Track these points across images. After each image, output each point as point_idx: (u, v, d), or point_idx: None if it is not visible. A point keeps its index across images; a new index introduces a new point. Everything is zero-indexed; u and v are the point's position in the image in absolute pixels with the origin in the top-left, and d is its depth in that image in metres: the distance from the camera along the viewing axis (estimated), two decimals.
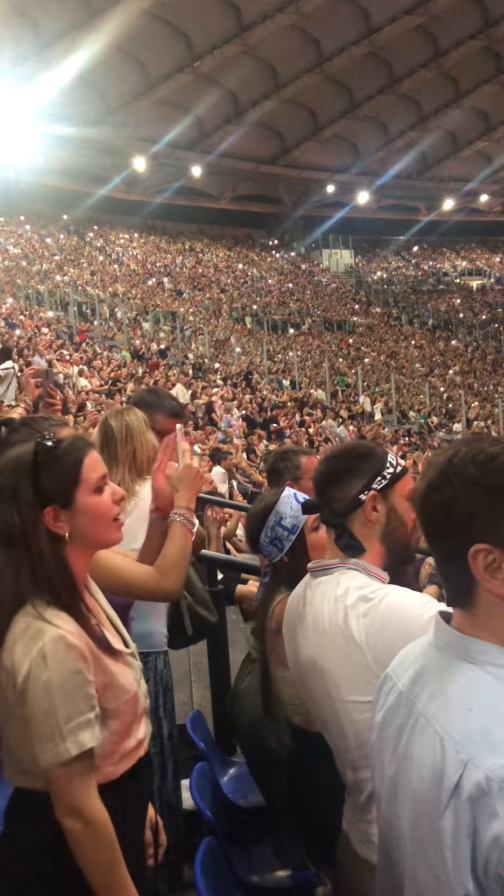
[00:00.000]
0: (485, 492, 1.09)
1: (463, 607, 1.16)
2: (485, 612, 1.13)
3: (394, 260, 52.80)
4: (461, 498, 1.10)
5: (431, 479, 1.14)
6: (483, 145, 45.03)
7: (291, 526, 2.24)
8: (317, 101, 39.66)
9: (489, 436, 1.21)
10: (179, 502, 2.27)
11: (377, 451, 1.87)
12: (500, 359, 36.95)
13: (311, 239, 49.25)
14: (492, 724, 1.04)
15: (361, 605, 1.69)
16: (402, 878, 1.16)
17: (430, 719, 1.13)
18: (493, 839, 0.97)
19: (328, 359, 28.98)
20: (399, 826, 1.17)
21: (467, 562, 1.10)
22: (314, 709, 1.90)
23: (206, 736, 2.91)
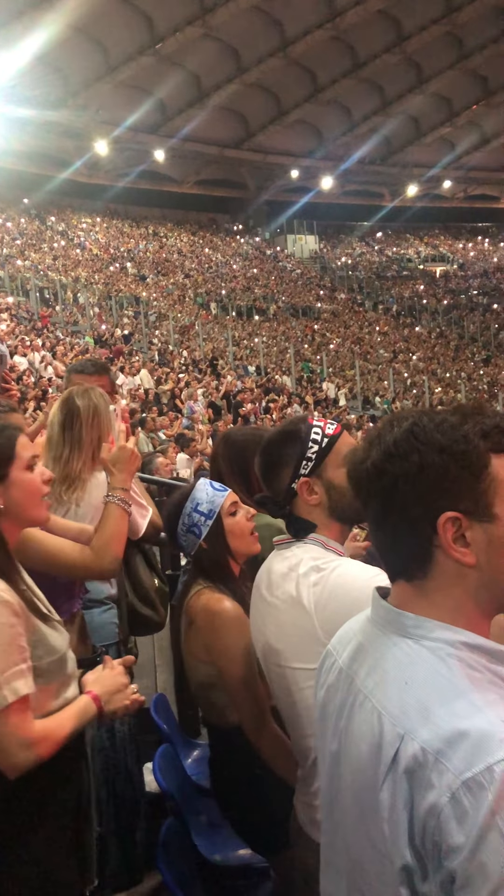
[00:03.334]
0: (453, 459, 1.10)
1: (412, 580, 1.15)
2: (438, 582, 1.13)
3: (358, 246, 52.91)
4: (429, 466, 1.10)
5: (389, 449, 1.13)
6: (446, 131, 45.24)
7: (208, 511, 2.24)
8: (280, 85, 39.46)
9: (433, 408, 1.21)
10: (115, 483, 2.29)
11: (300, 433, 1.86)
12: (463, 345, 37.31)
13: (275, 224, 49.14)
14: (427, 697, 1.05)
15: (313, 575, 1.73)
16: (344, 852, 1.17)
17: (368, 695, 1.14)
18: (429, 809, 0.99)
19: (293, 345, 28.99)
20: (341, 801, 1.18)
21: (427, 532, 1.11)
22: (270, 682, 1.92)
23: (170, 719, 2.92)
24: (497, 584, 1.12)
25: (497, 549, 1.11)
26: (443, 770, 0.98)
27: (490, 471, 1.10)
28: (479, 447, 1.10)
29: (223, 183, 46.50)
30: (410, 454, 1.11)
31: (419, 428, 1.12)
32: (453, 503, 1.10)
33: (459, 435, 1.11)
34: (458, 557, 1.10)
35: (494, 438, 1.11)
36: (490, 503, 1.10)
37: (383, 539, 1.18)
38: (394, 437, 1.13)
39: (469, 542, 1.10)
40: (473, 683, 1.05)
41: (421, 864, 1.02)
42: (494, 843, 0.93)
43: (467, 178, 50.10)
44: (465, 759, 0.97)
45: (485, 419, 1.13)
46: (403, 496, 1.12)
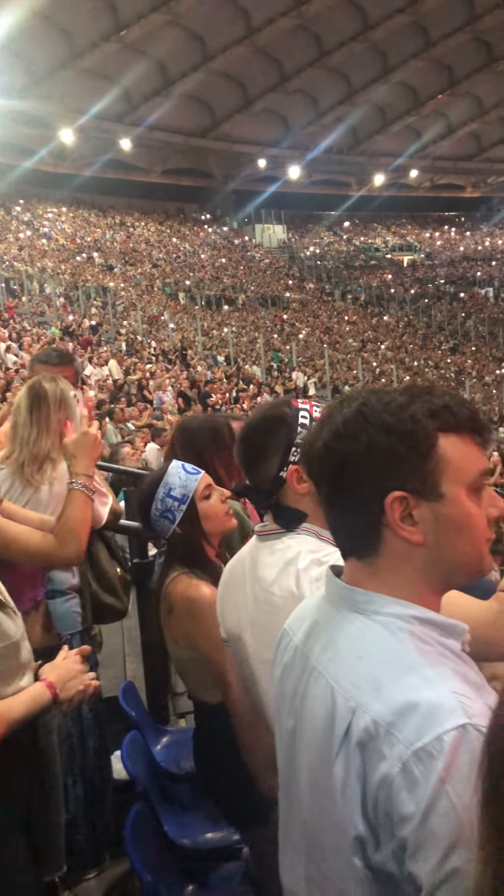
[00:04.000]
0: (401, 439, 1.10)
1: (363, 558, 1.16)
2: (388, 560, 1.14)
3: (326, 235, 52.99)
4: (377, 446, 1.10)
5: (338, 429, 1.14)
6: (412, 120, 45.40)
7: (181, 496, 2.21)
8: (246, 73, 39.30)
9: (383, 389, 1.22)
10: (77, 469, 2.27)
11: (286, 418, 1.80)
12: (430, 333, 37.58)
13: (243, 213, 49.03)
14: (378, 670, 1.06)
15: (314, 569, 1.66)
16: (300, 828, 1.19)
17: (322, 671, 1.15)
18: (381, 780, 1.00)
19: (263, 334, 28.98)
20: (297, 777, 1.19)
21: (376, 511, 1.11)
22: (248, 673, 1.89)
23: (138, 706, 2.92)
24: (445, 561, 1.14)
25: (444, 527, 1.12)
26: (394, 741, 1.00)
27: (437, 450, 1.11)
28: (426, 427, 1.11)
29: (190, 172, 46.24)
30: (359, 434, 1.11)
31: (368, 408, 1.13)
32: (401, 483, 1.10)
33: (407, 415, 1.11)
34: (406, 536, 1.11)
35: (442, 418, 1.12)
36: (437, 482, 1.11)
37: (334, 518, 1.19)
38: (343, 418, 1.14)
39: (417, 520, 1.11)
40: (424, 656, 1.06)
41: (374, 835, 1.03)
42: (444, 811, 0.95)
43: (433, 167, 50.36)
44: (416, 730, 0.99)
45: (433, 399, 1.13)
46: (352, 476, 1.12)
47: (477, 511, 1.14)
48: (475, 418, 1.15)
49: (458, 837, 0.93)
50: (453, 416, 1.12)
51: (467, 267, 50.09)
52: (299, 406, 1.82)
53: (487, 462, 1.19)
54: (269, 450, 1.78)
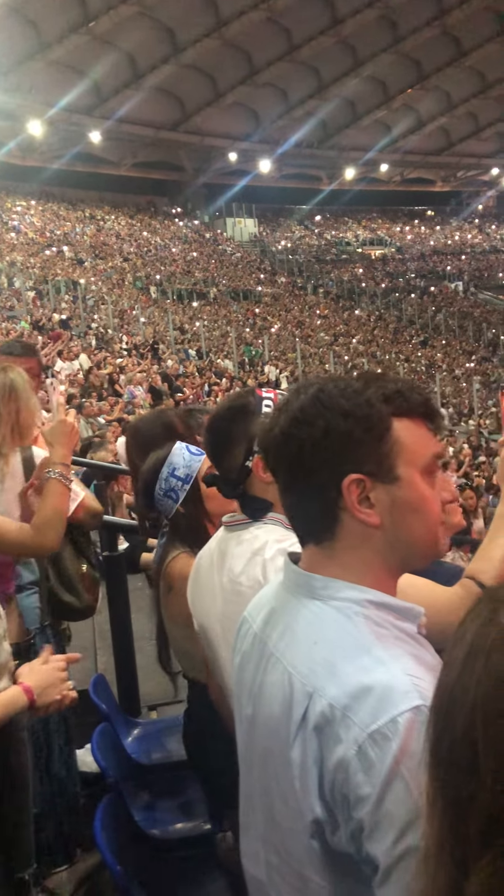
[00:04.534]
0: (357, 423, 1.12)
1: (320, 543, 1.17)
2: (345, 544, 1.15)
3: (297, 229, 53.03)
4: (334, 430, 1.12)
5: (295, 415, 1.15)
6: (382, 114, 45.54)
7: (185, 475, 2.23)
8: (216, 66, 39.14)
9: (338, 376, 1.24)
10: (54, 458, 2.24)
11: (250, 407, 1.81)
12: (401, 327, 37.82)
13: (214, 207, 48.88)
14: (334, 655, 1.08)
15: (280, 559, 1.63)
16: (260, 812, 1.19)
17: (280, 657, 1.16)
18: (337, 763, 1.02)
19: (235, 328, 28.96)
20: (256, 763, 1.20)
21: (333, 495, 1.13)
22: (217, 662, 1.90)
23: (109, 699, 2.91)
24: (402, 543, 1.16)
25: (400, 509, 1.14)
26: (350, 724, 1.01)
27: (392, 434, 1.13)
28: (381, 411, 1.13)
29: (160, 165, 45.98)
30: (316, 419, 1.13)
31: (324, 394, 1.14)
32: (357, 466, 1.12)
33: (363, 400, 1.13)
34: (363, 518, 1.13)
35: (396, 402, 1.14)
36: (393, 465, 1.13)
37: (292, 503, 1.21)
38: (300, 404, 1.15)
39: (373, 503, 1.13)
40: (379, 639, 1.08)
41: (331, 817, 1.04)
42: (399, 792, 0.97)
43: (404, 161, 50.58)
44: (371, 713, 1.00)
45: (387, 384, 1.16)
46: (310, 460, 1.14)
47: (431, 494, 1.17)
48: (427, 404, 1.19)
49: (414, 817, 0.94)
50: (406, 400, 1.15)
51: (437, 261, 50.44)
52: (263, 395, 1.83)
53: (440, 446, 1.21)
54: (233, 440, 1.79)
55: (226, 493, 1.86)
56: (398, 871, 0.97)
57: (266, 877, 1.18)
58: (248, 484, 1.80)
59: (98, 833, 1.92)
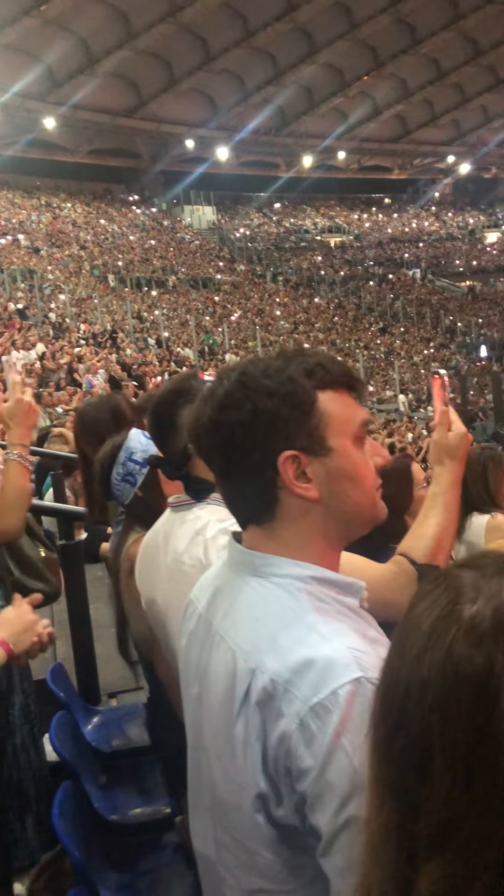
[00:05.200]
0: (283, 400, 1.13)
1: (261, 524, 1.18)
2: (285, 522, 1.16)
3: (256, 217, 52.90)
4: (262, 411, 1.13)
5: (222, 401, 1.15)
6: (338, 101, 45.59)
7: (143, 460, 2.22)
8: (172, 52, 38.79)
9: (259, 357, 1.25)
10: (13, 439, 2.21)
11: (192, 390, 1.81)
12: (360, 315, 38.03)
13: (171, 194, 48.49)
14: (276, 631, 1.09)
15: (221, 538, 1.68)
16: (208, 791, 1.21)
17: (224, 635, 1.17)
18: (280, 737, 1.03)
19: (194, 317, 28.85)
20: (203, 742, 1.21)
21: (270, 475, 1.13)
22: (163, 639, 1.91)
23: (68, 687, 2.89)
24: (341, 512, 1.17)
25: (336, 479, 1.15)
26: (292, 698, 1.02)
27: (318, 406, 1.15)
28: (304, 386, 1.14)
29: (117, 152, 45.46)
30: (243, 403, 1.13)
31: (247, 377, 1.15)
32: (289, 443, 1.13)
33: (285, 377, 1.14)
34: (302, 493, 1.14)
35: (318, 375, 1.16)
36: (324, 437, 1.15)
37: (229, 489, 1.21)
38: (224, 390, 1.16)
39: (310, 477, 1.14)
40: (321, 614, 1.09)
41: (275, 791, 1.06)
42: (340, 763, 0.99)
43: (361, 148, 50.72)
44: (312, 686, 1.02)
45: (307, 358, 1.17)
46: (242, 444, 1.14)
47: (364, 460, 1.19)
48: (348, 373, 1.21)
49: (355, 787, 0.95)
50: (328, 372, 1.17)
51: (395, 248, 50.74)
52: (205, 378, 1.86)
53: (366, 413, 1.23)
54: (177, 422, 1.81)
55: (169, 475, 1.89)
56: (340, 840, 0.98)
57: (215, 854, 1.19)
58: (192, 465, 1.83)
59: (56, 820, 1.91)
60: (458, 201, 59.94)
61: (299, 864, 1.08)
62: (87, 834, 2.05)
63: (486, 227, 57.21)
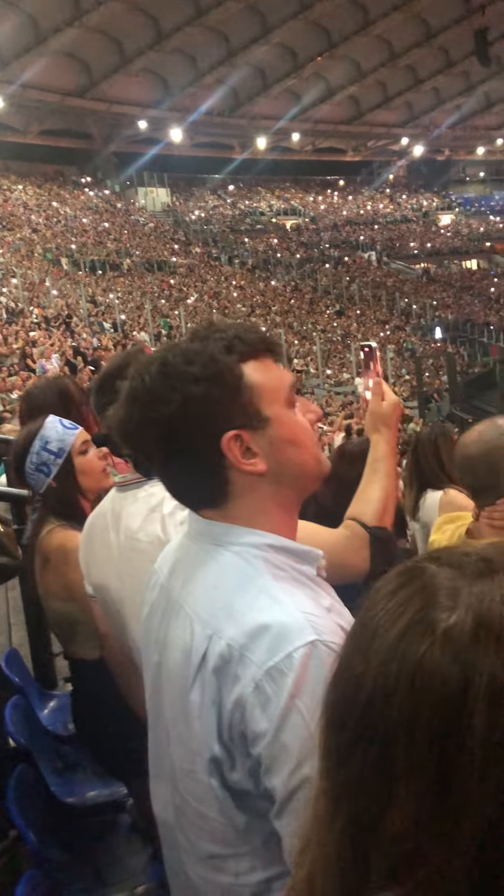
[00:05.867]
0: (210, 383, 1.12)
1: (216, 507, 1.18)
2: (238, 500, 1.17)
3: (211, 199, 52.53)
4: (192, 399, 1.11)
5: (149, 396, 1.13)
6: (292, 83, 45.32)
7: (58, 449, 2.20)
8: (122, 30, 38.11)
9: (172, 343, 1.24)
10: None
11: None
12: (317, 297, 38.07)
13: (125, 176, 47.84)
14: (233, 598, 1.10)
15: (179, 513, 1.69)
16: (166, 758, 1.22)
17: (183, 603, 1.18)
18: (235, 702, 1.05)
19: (150, 300, 28.59)
20: (162, 709, 1.22)
21: (216, 458, 1.13)
22: (120, 624, 1.90)
23: (24, 672, 2.87)
24: (290, 477, 1.19)
25: (280, 447, 1.16)
26: (247, 663, 1.04)
27: (246, 380, 1.14)
28: (227, 363, 1.14)
29: (68, 133, 44.67)
30: (171, 394, 1.12)
31: (169, 367, 1.14)
32: (228, 423, 1.13)
33: (207, 358, 1.13)
34: (251, 469, 1.14)
35: (238, 348, 1.15)
36: (258, 410, 1.15)
37: (174, 481, 1.21)
38: (147, 386, 1.14)
39: (256, 451, 1.15)
40: (277, 581, 1.10)
41: (229, 756, 1.07)
42: (295, 725, 1.00)
43: (315, 131, 50.59)
44: (268, 650, 1.03)
45: (222, 334, 1.16)
46: (181, 435, 1.13)
47: (300, 421, 1.20)
48: (265, 339, 1.20)
49: (309, 750, 0.96)
50: (245, 343, 1.16)
51: (350, 231, 50.86)
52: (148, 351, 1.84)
53: (291, 375, 1.24)
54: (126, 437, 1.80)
55: (117, 453, 1.87)
56: (294, 801, 1.00)
57: (174, 819, 1.21)
58: None
59: (11, 804, 1.90)
60: (412, 184, 60.25)
61: (252, 829, 1.09)
62: (42, 817, 2.04)
63: (440, 209, 57.68)
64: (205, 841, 1.14)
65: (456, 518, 2.15)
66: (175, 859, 1.22)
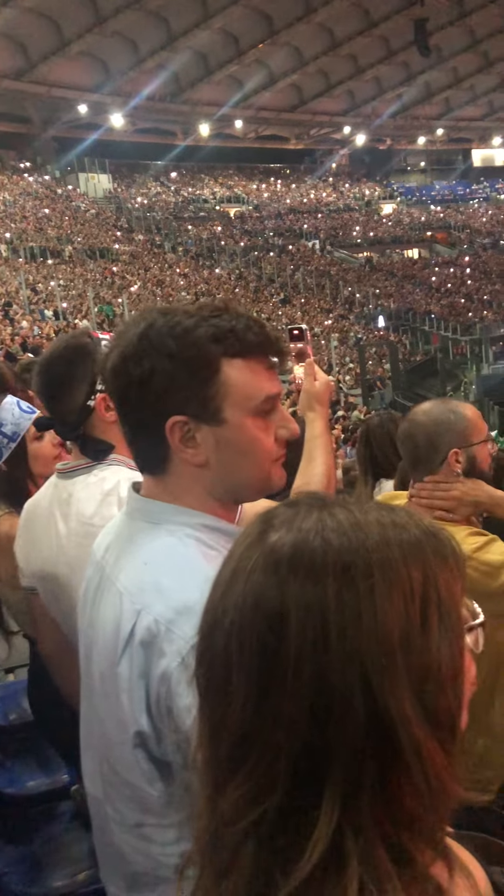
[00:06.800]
0: (182, 365, 1.11)
1: (154, 474, 1.19)
2: (176, 478, 1.17)
3: (153, 185, 52.00)
4: (158, 371, 1.10)
5: (125, 350, 1.13)
6: (234, 69, 45.07)
7: (12, 433, 2.17)
8: (61, 12, 37.31)
9: (181, 304, 1.22)
10: None
11: (88, 347, 1.81)
12: (262, 286, 38.10)
13: (65, 162, 46.96)
14: (163, 575, 1.11)
15: None
16: (97, 730, 1.22)
17: (115, 580, 1.18)
18: (161, 676, 1.05)
19: (92, 288, 28.21)
20: (93, 684, 1.22)
21: (160, 433, 1.13)
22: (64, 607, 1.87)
23: None
24: (229, 482, 1.18)
25: (226, 450, 1.15)
26: (173, 638, 1.05)
27: (220, 376, 1.12)
28: (209, 353, 1.12)
29: (6, 117, 43.57)
30: (142, 359, 1.11)
31: (153, 331, 1.12)
32: (180, 408, 1.12)
33: (190, 340, 1.11)
34: (188, 459, 1.14)
35: (228, 342, 1.13)
36: (219, 408, 1.13)
37: (126, 434, 1.21)
38: (129, 339, 1.13)
39: (199, 443, 1.14)
40: (208, 560, 1.10)
41: (156, 729, 1.08)
42: None
43: (257, 118, 50.45)
44: (194, 626, 1.01)
45: (221, 322, 1.13)
46: (136, 399, 1.14)
47: (262, 435, 1.17)
48: (264, 342, 1.16)
49: None
50: (239, 340, 1.13)
51: (294, 219, 50.95)
52: (99, 336, 1.84)
53: (275, 387, 1.19)
54: (73, 380, 1.78)
55: (64, 436, 1.87)
56: None
57: (102, 793, 1.21)
58: (88, 426, 1.80)
59: None
60: (354, 172, 60.62)
61: (178, 800, 1.10)
62: None
63: (382, 198, 58.17)
64: (132, 810, 1.14)
65: (393, 498, 2.19)
66: (103, 830, 1.23)
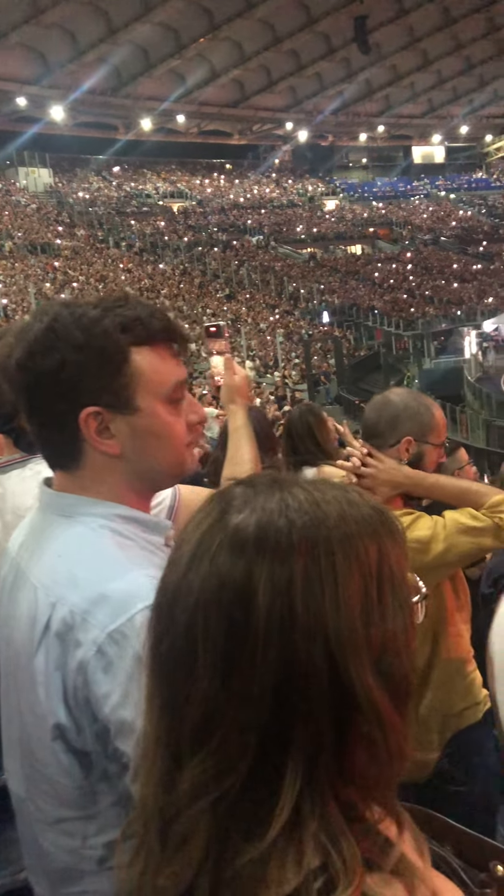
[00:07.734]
0: (92, 355, 1.11)
1: (67, 470, 1.18)
2: (91, 471, 1.17)
3: (95, 180, 51.42)
4: (68, 364, 1.10)
5: (32, 345, 1.12)
6: (175, 64, 44.80)
7: None
8: None
9: (89, 298, 1.22)
10: None
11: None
12: (206, 281, 38.00)
13: (4, 155, 46.04)
14: (77, 566, 1.11)
15: None
16: (17, 725, 1.21)
17: (29, 574, 1.17)
18: (77, 666, 1.05)
19: (34, 283, 27.81)
20: (11, 680, 1.21)
21: (73, 426, 1.12)
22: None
23: None
24: (146, 469, 1.19)
25: (141, 438, 1.16)
26: (89, 627, 1.05)
27: (130, 365, 1.13)
28: (118, 342, 1.12)
29: None
30: (50, 352, 1.11)
31: (59, 324, 1.12)
32: (94, 398, 1.12)
33: (98, 331, 1.11)
34: (104, 450, 1.14)
35: (135, 331, 1.14)
36: (132, 397, 1.14)
37: (36, 432, 1.20)
38: (34, 334, 1.13)
39: (113, 433, 1.14)
40: (123, 549, 1.11)
41: (74, 720, 1.08)
42: (142, 688, 0.99)
43: (200, 113, 50.29)
44: (110, 615, 1.04)
45: (125, 311, 1.14)
46: (46, 393, 1.13)
47: (174, 420, 1.19)
48: (168, 329, 1.18)
49: None
50: (145, 328, 1.15)
51: (238, 215, 50.95)
52: None
53: (182, 372, 1.22)
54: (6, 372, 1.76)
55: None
56: None
57: (24, 791, 1.19)
58: (21, 419, 1.78)
59: None
60: (297, 168, 60.88)
61: (99, 790, 1.10)
62: None
63: (325, 194, 58.59)
64: (53, 805, 1.13)
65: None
66: (28, 829, 1.21)
